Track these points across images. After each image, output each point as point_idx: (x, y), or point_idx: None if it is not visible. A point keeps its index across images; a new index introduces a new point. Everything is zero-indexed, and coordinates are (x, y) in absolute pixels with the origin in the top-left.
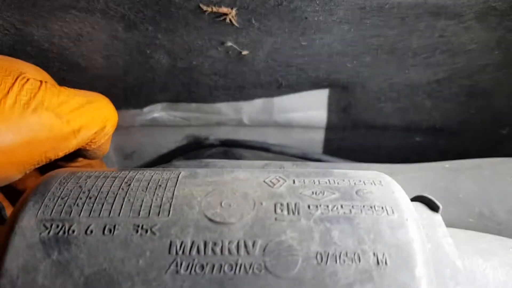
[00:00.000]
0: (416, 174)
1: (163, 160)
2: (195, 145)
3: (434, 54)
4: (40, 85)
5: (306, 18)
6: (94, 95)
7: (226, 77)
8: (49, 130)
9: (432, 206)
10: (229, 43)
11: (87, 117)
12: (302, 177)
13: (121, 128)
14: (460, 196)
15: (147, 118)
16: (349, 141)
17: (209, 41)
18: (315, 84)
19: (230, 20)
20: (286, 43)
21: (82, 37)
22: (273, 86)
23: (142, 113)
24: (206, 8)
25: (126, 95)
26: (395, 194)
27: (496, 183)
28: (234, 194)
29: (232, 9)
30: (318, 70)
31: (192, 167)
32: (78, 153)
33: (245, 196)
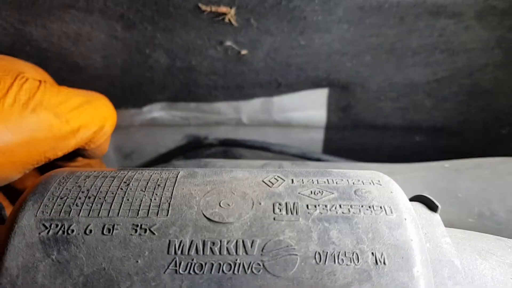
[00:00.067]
0: (415, 173)
1: (163, 159)
2: (194, 145)
3: (434, 53)
4: (39, 84)
5: (305, 18)
6: (93, 94)
7: (225, 77)
8: (48, 130)
9: (431, 206)
10: (228, 42)
11: (86, 117)
12: (301, 176)
13: (120, 128)
14: (459, 195)
15: (146, 117)
16: (348, 140)
17: (208, 40)
18: (315, 84)
19: (229, 19)
20: (285, 42)
21: (81, 36)
22: (272, 85)
23: (141, 113)
24: (205, 7)
25: (125, 94)
26: (393, 194)
27: (496, 183)
28: (233, 193)
29: (231, 8)
30: (317, 69)
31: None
32: (77, 152)
33: (244, 196)
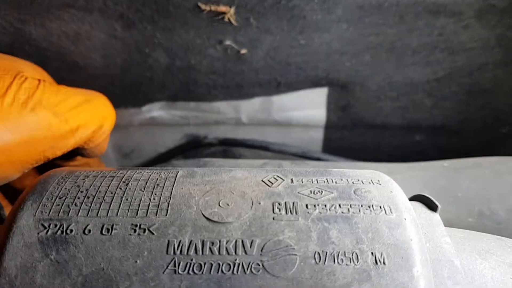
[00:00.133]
0: (415, 173)
1: (162, 159)
2: (193, 144)
3: (434, 52)
4: (38, 83)
5: (304, 17)
6: (92, 93)
7: (224, 76)
8: (47, 129)
9: (430, 205)
10: (228, 41)
11: (85, 116)
12: (300, 176)
13: (119, 127)
14: (459, 195)
15: (146, 117)
16: (348, 140)
17: (208, 39)
18: (314, 83)
19: (228, 18)
20: (285, 41)
21: (81, 36)
22: (272, 84)
23: (141, 112)
24: (205, 6)
25: (125, 94)
26: (393, 194)
27: (496, 182)
28: (232, 193)
29: (230, 7)
30: (317, 68)
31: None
32: (76, 151)
33: (243, 196)
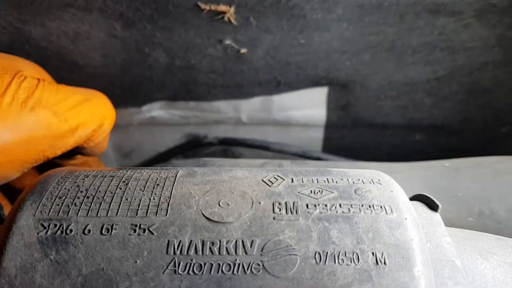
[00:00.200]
0: (415, 172)
1: (162, 158)
2: (193, 144)
3: (434, 51)
4: (38, 83)
5: (304, 16)
6: (91, 92)
7: (224, 75)
8: (46, 129)
9: (431, 205)
10: (228, 41)
11: (84, 115)
12: (301, 176)
13: (119, 127)
14: (459, 194)
15: (146, 116)
16: (348, 139)
17: (208, 39)
18: (314, 82)
19: (228, 18)
20: (285, 41)
21: (80, 35)
22: (272, 84)
23: (141, 112)
24: (204, 6)
25: (125, 93)
26: (393, 193)
27: (496, 181)
28: (232, 193)
29: (230, 7)
30: (317, 68)
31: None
32: (76, 150)
33: (243, 195)
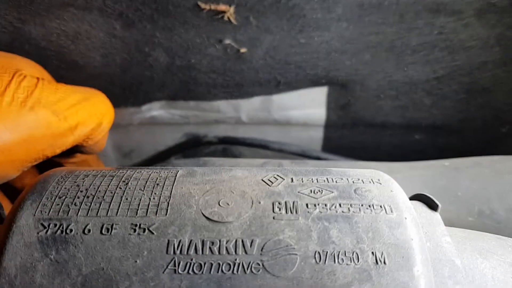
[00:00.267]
0: (415, 172)
1: (162, 157)
2: (193, 142)
3: (433, 51)
4: (37, 82)
5: (304, 16)
6: (90, 91)
7: (224, 75)
8: (46, 128)
9: (431, 204)
10: (228, 41)
11: (83, 114)
12: (300, 175)
13: (119, 126)
14: (459, 194)
15: (146, 116)
16: (348, 139)
17: (207, 39)
18: (314, 82)
19: (228, 17)
20: (285, 40)
21: (80, 35)
22: (272, 84)
23: (141, 111)
24: (204, 6)
25: (125, 93)
26: (393, 193)
27: (496, 181)
28: (232, 192)
29: (230, 6)
30: (316, 67)
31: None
32: (74, 149)
33: (243, 195)
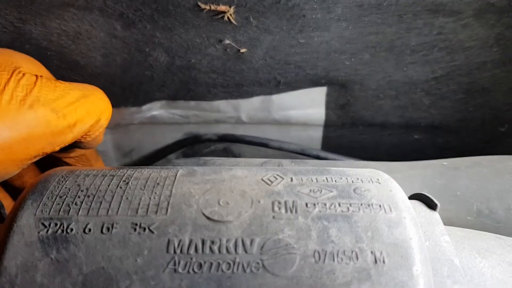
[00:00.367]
0: (414, 171)
1: (161, 155)
2: (193, 140)
3: (432, 51)
4: (36, 80)
5: (304, 16)
6: (89, 88)
7: (224, 75)
8: (45, 126)
9: (430, 204)
10: (227, 41)
11: (82, 111)
12: (300, 175)
13: (120, 126)
14: (458, 193)
15: (146, 116)
16: (347, 138)
17: (207, 39)
18: (313, 82)
19: (228, 18)
20: (284, 40)
21: (81, 35)
22: (272, 84)
23: (141, 111)
24: (204, 6)
25: (125, 93)
26: (392, 192)
27: (495, 181)
28: (232, 192)
29: (230, 7)
30: (316, 67)
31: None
32: (72, 144)
33: (243, 194)
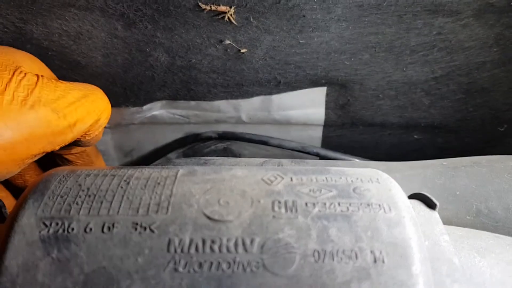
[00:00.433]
0: (414, 171)
1: (162, 153)
2: (193, 138)
3: (432, 51)
4: (37, 80)
5: (304, 16)
6: (89, 87)
7: (224, 75)
8: (46, 126)
9: (429, 203)
10: (228, 41)
11: (82, 111)
12: (300, 174)
13: (121, 126)
14: (457, 193)
15: (147, 116)
16: (347, 138)
17: (208, 39)
18: (313, 82)
19: (228, 18)
20: (284, 41)
21: (82, 35)
22: (272, 84)
23: (142, 111)
24: (205, 6)
25: (126, 93)
26: (392, 192)
27: (494, 180)
28: (232, 191)
29: (230, 7)
30: (316, 68)
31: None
32: (72, 142)
33: (243, 194)
